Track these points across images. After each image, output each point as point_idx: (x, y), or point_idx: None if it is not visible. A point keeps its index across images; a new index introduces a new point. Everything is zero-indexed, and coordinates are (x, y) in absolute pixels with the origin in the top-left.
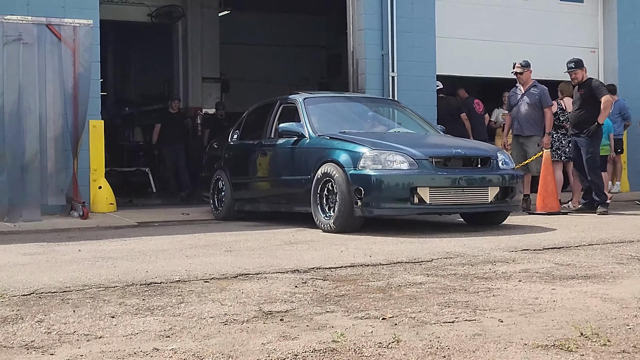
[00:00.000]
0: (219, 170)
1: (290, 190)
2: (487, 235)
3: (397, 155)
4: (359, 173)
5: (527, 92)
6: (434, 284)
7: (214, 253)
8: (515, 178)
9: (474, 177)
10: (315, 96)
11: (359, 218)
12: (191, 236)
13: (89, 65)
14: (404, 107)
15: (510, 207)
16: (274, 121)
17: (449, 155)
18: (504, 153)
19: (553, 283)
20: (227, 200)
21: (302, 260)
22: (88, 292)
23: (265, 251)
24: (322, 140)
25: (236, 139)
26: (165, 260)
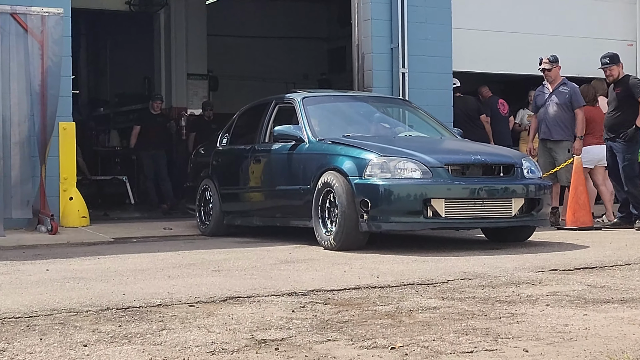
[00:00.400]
0: (206, 180)
1: (287, 202)
2: (510, 254)
3: (408, 162)
4: (365, 182)
5: (556, 91)
6: (450, 308)
7: (200, 273)
8: (542, 188)
9: (496, 188)
10: (316, 95)
11: (364, 234)
12: (174, 254)
13: (58, 60)
14: (415, 108)
15: (537, 222)
16: (269, 124)
17: (467, 163)
18: (530, 160)
19: (585, 308)
20: (215, 213)
21: (300, 281)
22: (57, 317)
23: (258, 271)
24: (323, 146)
25: (226, 144)
26: (145, 281)
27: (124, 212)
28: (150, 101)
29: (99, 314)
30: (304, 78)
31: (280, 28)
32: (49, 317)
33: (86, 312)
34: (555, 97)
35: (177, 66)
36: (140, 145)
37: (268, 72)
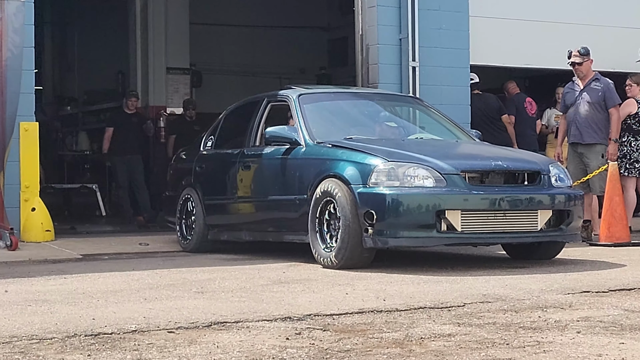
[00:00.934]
0: (188, 188)
1: (280, 214)
2: (535, 273)
3: (419, 168)
4: (370, 192)
5: (587, 88)
6: (467, 336)
7: (181, 295)
8: (573, 199)
9: (520, 198)
10: (314, 92)
11: (369, 250)
12: (151, 273)
13: (20, 52)
14: (428, 107)
15: (566, 237)
16: (260, 125)
17: (486, 169)
18: (559, 166)
19: (622, 335)
20: (198, 226)
21: (296, 304)
22: (17, 345)
23: (247, 293)
24: (322, 149)
25: (210, 148)
26: (118, 304)
27: (93, 226)
28: (125, 99)
29: (65, 342)
30: (301, 73)
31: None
32: (8, 346)
33: (50, 340)
34: (586, 95)
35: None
36: (113, 149)
37: (259, 66)
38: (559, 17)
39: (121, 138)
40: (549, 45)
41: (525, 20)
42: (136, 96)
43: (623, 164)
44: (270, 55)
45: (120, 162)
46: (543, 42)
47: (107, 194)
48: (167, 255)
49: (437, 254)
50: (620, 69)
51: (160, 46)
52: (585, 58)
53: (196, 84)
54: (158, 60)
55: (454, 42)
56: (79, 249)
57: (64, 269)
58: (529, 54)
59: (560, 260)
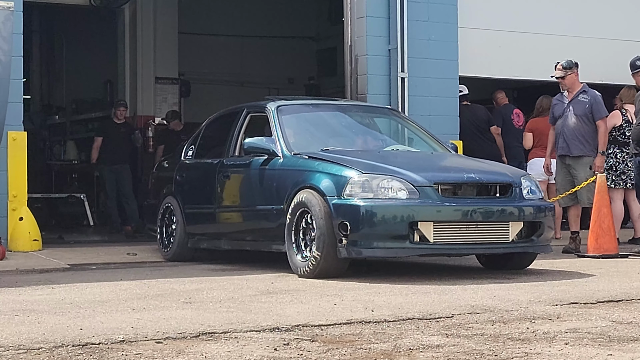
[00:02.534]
0: (169, 197)
1: (258, 224)
2: (523, 284)
3: (393, 180)
4: (345, 203)
5: (574, 100)
6: (455, 347)
7: (169, 305)
8: (543, 211)
9: (491, 209)
10: (292, 104)
11: (343, 260)
12: (139, 283)
13: (8, 61)
14: (404, 118)
15: (537, 248)
16: (239, 135)
17: (459, 182)
18: (530, 179)
19: (609, 347)
20: (178, 235)
21: (284, 315)
22: (4, 355)
23: (235, 303)
24: (299, 161)
25: (191, 157)
26: (106, 314)
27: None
28: (113, 108)
29: (53, 352)
30: (289, 83)
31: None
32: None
33: (37, 350)
34: (573, 108)
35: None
36: (102, 159)
37: (248, 76)
38: (548, 29)
39: (110, 148)
40: (538, 57)
41: (514, 32)
42: (125, 105)
43: (610, 175)
44: (258, 65)
45: (108, 171)
46: (532, 53)
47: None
48: (155, 265)
49: (426, 265)
50: (608, 81)
51: (148, 55)
52: (569, 71)
53: (185, 94)
54: (146, 69)
55: (443, 53)
56: (67, 258)
57: (52, 279)
58: (518, 66)
59: (548, 271)
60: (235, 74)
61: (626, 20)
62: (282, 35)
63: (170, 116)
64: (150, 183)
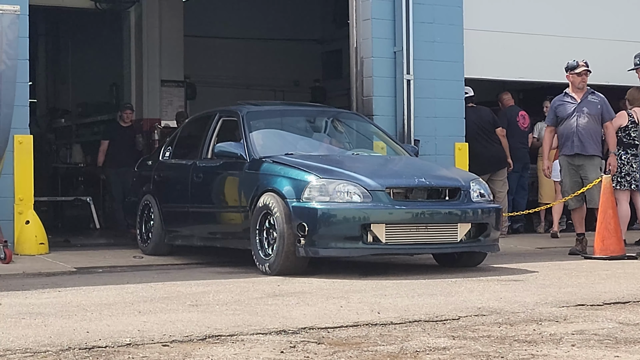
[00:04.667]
0: (148, 195)
1: (227, 224)
2: (530, 286)
3: (348, 185)
4: (303, 206)
5: (585, 101)
6: (462, 349)
7: (175, 308)
8: (490, 212)
9: (440, 212)
10: (261, 109)
11: (301, 259)
12: (146, 286)
13: (14, 64)
14: (369, 123)
15: (484, 247)
16: (212, 138)
17: (410, 186)
18: (480, 183)
19: (616, 349)
20: (156, 231)
21: (291, 317)
22: (11, 358)
23: (242, 306)
24: (264, 165)
25: (168, 157)
26: (112, 317)
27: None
28: (119, 111)
29: (59, 355)
30: (295, 85)
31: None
32: (2, 358)
33: (44, 353)
34: (585, 108)
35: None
36: (108, 161)
37: (253, 79)
38: (553, 31)
39: (116, 150)
40: (543, 58)
41: (519, 34)
42: (131, 108)
43: (615, 177)
44: (264, 68)
45: (114, 174)
46: (537, 55)
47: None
48: (162, 268)
49: (433, 266)
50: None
51: (154, 58)
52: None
53: (190, 97)
54: (152, 72)
55: (448, 55)
56: (73, 261)
57: (58, 282)
58: (523, 67)
59: (555, 273)
60: (240, 76)
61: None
62: (287, 37)
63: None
64: (132, 181)
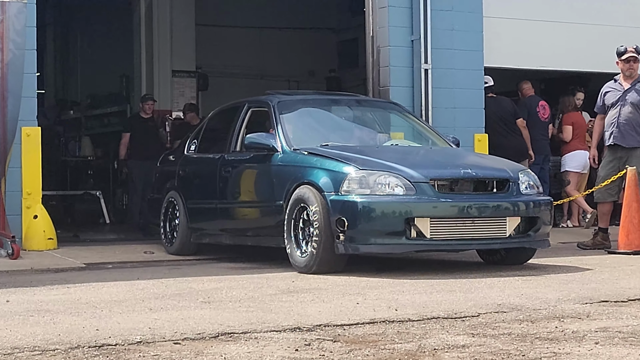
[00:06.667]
0: (172, 191)
1: (258, 220)
2: (552, 282)
3: (390, 176)
4: (342, 199)
5: (632, 89)
6: (482, 347)
7: (187, 305)
8: (541, 205)
9: (488, 205)
10: (293, 98)
11: (341, 256)
12: (157, 282)
13: (21, 54)
14: (406, 113)
15: (534, 243)
16: (241, 130)
17: (455, 177)
18: (529, 174)
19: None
20: (181, 230)
21: (305, 314)
22: (19, 357)
23: (255, 302)
24: (298, 157)
25: (194, 151)
26: (122, 314)
27: (97, 233)
28: (141, 102)
29: (68, 353)
30: (310, 75)
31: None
32: (10, 357)
33: (53, 351)
34: (631, 96)
35: (160, 62)
36: (131, 154)
37: (267, 69)
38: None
39: (138, 143)
40: (566, 47)
41: (540, 21)
42: (152, 99)
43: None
44: (278, 58)
45: (137, 166)
46: (559, 43)
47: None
48: (173, 264)
49: (450, 262)
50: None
51: (165, 48)
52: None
53: (202, 87)
54: (163, 63)
55: (467, 43)
56: (82, 257)
57: (67, 278)
58: (545, 56)
59: (577, 268)
60: (254, 66)
61: None
62: (302, 26)
63: (187, 108)
64: (155, 177)
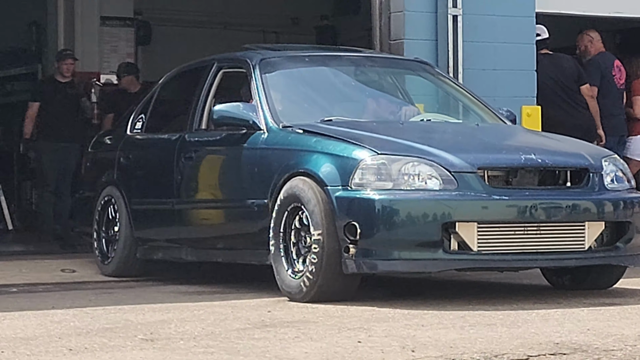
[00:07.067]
0: (110, 187)
1: (233, 226)
2: (630, 312)
3: (420, 164)
4: (353, 196)
5: None
6: None
7: (122, 344)
8: (634, 206)
9: (560, 205)
10: (282, 55)
11: (350, 277)
12: (79, 312)
13: None
14: (440, 76)
15: (624, 259)
16: (208, 100)
17: (514, 165)
18: (617, 161)
19: None
20: (123, 241)
21: (287, 358)
22: None
23: (217, 341)
24: (290, 137)
25: (140, 130)
26: (32, 357)
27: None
28: (57, 62)
29: None
30: (293, 24)
31: None
32: None
33: None
34: None
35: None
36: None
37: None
38: None
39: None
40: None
41: None
42: (72, 57)
43: None
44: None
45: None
46: None
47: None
48: (103, 287)
49: (488, 283)
50: None
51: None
52: None
53: (143, 41)
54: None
55: None
56: None
57: None
58: None
59: None
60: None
61: None
62: None
63: (123, 70)
64: (84, 167)
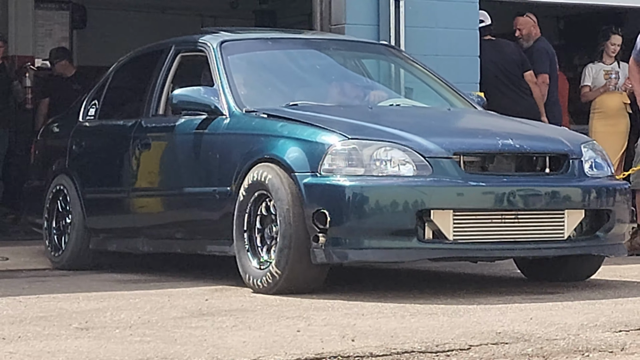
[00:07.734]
0: (62, 176)
1: (193, 215)
2: (572, 301)
3: (393, 149)
4: (322, 183)
5: None
6: None
7: (57, 333)
8: (615, 193)
9: (538, 192)
10: (243, 38)
11: (319, 267)
12: (12, 301)
13: None
14: (409, 60)
15: (605, 248)
16: (165, 85)
17: (491, 151)
18: (595, 147)
19: None
20: (75, 232)
21: (225, 347)
22: None
23: (153, 329)
24: (254, 121)
25: (94, 117)
26: None
27: None
28: None
29: None
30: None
31: None
32: None
33: None
34: None
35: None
36: None
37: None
38: None
39: None
40: None
41: None
42: (3, 39)
43: None
44: None
45: None
46: None
47: None
48: (36, 274)
49: (430, 272)
50: None
51: None
52: None
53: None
54: None
55: None
56: None
57: None
58: None
59: (607, 282)
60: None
61: None
62: None
63: (55, 55)
64: (33, 156)
